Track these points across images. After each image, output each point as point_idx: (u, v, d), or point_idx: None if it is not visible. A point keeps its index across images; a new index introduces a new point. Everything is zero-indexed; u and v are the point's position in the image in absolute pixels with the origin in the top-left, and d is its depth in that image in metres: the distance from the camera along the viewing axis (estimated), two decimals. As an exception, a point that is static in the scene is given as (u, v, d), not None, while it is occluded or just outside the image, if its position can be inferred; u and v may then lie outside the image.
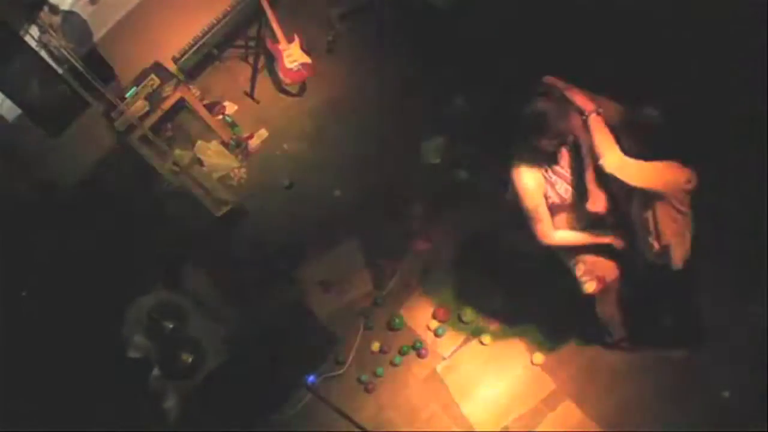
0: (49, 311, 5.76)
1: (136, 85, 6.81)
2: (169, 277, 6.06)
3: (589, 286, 3.84)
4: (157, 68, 6.94)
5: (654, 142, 3.29)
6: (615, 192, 3.53)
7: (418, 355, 5.10)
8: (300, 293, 5.76)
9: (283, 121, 7.15)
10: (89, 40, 6.77)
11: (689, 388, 4.22)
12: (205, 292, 5.90)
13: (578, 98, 3.30)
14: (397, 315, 5.29)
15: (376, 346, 5.25)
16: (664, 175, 3.30)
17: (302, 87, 7.21)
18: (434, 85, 6.49)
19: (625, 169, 3.23)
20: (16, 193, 6.72)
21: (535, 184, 3.47)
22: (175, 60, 6.91)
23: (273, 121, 7.19)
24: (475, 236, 5.43)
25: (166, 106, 6.81)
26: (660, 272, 3.73)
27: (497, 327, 4.95)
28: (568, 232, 3.62)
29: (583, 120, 3.33)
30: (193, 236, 6.58)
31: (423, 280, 5.41)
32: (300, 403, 5.25)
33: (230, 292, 6.04)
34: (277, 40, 6.92)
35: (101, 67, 6.88)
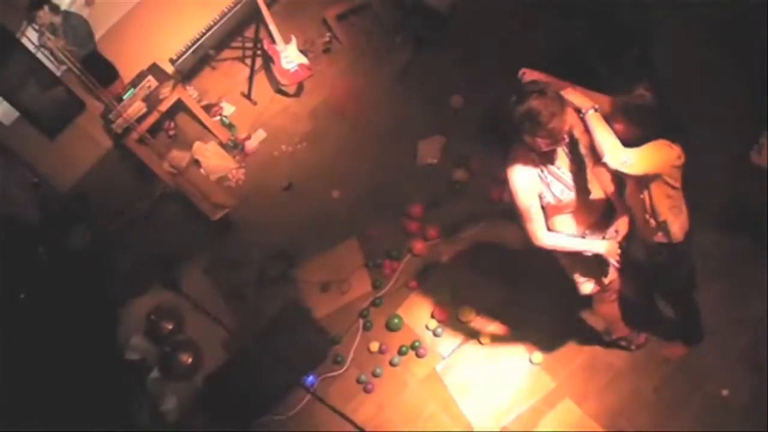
0: (47, 313, 5.75)
1: (134, 86, 6.81)
2: (168, 278, 6.06)
3: (586, 288, 3.82)
4: (155, 70, 6.94)
5: (648, 123, 3.31)
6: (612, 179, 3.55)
7: (417, 355, 5.09)
8: (298, 294, 5.76)
9: (280, 122, 7.15)
10: (91, 41, 6.77)
11: (688, 387, 4.22)
12: (203, 293, 5.90)
13: (574, 96, 3.29)
14: (396, 315, 5.28)
15: (375, 347, 5.24)
16: (660, 157, 3.30)
17: (300, 87, 7.21)
18: (433, 85, 6.50)
19: (629, 162, 3.23)
20: (14, 197, 6.71)
21: (529, 184, 3.43)
22: (173, 61, 6.90)
23: (271, 122, 7.20)
24: (474, 236, 5.42)
25: (164, 107, 6.82)
26: (661, 261, 3.74)
27: (496, 326, 4.95)
28: (561, 236, 3.58)
29: (581, 117, 3.32)
30: (191, 237, 6.58)
31: (421, 281, 5.40)
32: (299, 404, 5.24)
33: (229, 293, 6.04)
34: (274, 41, 6.92)
35: (104, 68, 6.89)
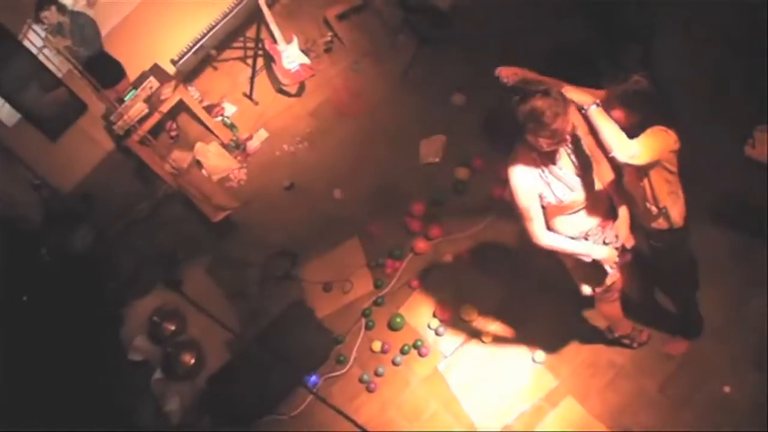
0: (49, 315, 5.76)
1: (135, 88, 6.82)
2: (170, 279, 6.07)
3: (587, 289, 3.82)
4: (156, 71, 6.94)
5: (646, 108, 3.32)
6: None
7: (420, 354, 5.09)
8: (301, 293, 5.76)
9: (282, 122, 7.16)
10: (98, 41, 6.78)
11: (691, 385, 4.21)
12: (205, 294, 5.90)
13: (574, 93, 3.28)
14: (398, 314, 5.28)
15: (377, 346, 5.24)
16: (660, 144, 3.33)
17: (301, 87, 7.21)
18: (434, 84, 6.50)
19: (636, 154, 3.25)
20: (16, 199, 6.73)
21: (530, 184, 3.42)
22: (174, 62, 6.91)
23: (272, 122, 7.20)
24: (476, 235, 5.42)
25: (165, 108, 6.82)
26: (662, 247, 3.75)
27: (498, 325, 4.94)
28: (560, 237, 3.57)
29: (583, 114, 3.31)
30: (193, 238, 6.59)
31: (423, 280, 5.40)
32: (302, 404, 5.24)
33: (231, 294, 6.05)
34: (275, 41, 6.92)
35: (111, 67, 6.90)
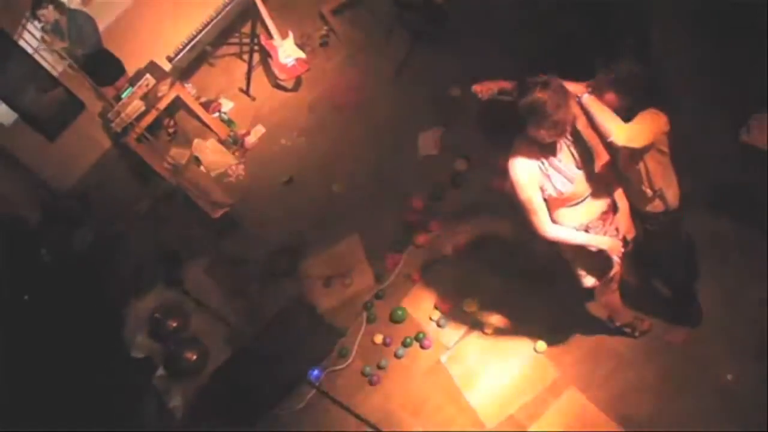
0: (51, 314, 5.77)
1: (131, 85, 6.81)
2: (171, 276, 6.08)
3: (588, 281, 3.83)
4: (152, 68, 6.93)
5: (637, 91, 3.35)
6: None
7: (422, 347, 5.11)
8: (301, 288, 5.77)
9: (279, 117, 7.15)
10: (97, 39, 6.76)
11: (693, 372, 4.22)
12: (206, 290, 5.92)
13: (569, 85, 3.32)
14: (400, 307, 5.29)
15: (379, 339, 5.25)
16: (654, 126, 3.37)
17: (298, 82, 7.21)
18: (431, 77, 6.49)
19: (633, 137, 3.27)
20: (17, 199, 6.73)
21: (531, 176, 3.43)
22: (170, 59, 6.90)
23: (270, 117, 7.20)
24: (476, 227, 5.43)
25: (162, 105, 6.82)
26: (658, 230, 3.78)
27: (499, 317, 4.96)
28: (565, 229, 3.59)
29: (578, 102, 3.34)
30: (193, 235, 6.59)
31: (424, 272, 5.41)
32: (305, 398, 5.26)
33: (232, 290, 6.05)
34: (271, 36, 6.91)
35: (110, 64, 6.88)
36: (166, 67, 6.99)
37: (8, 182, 6.79)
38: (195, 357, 5.75)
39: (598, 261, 3.70)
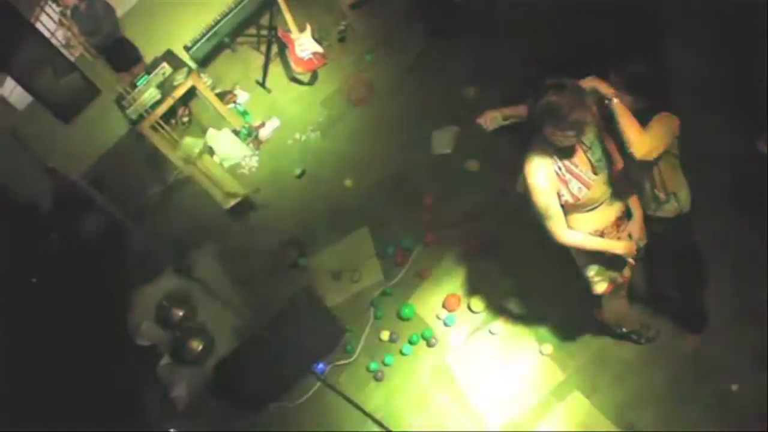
0: (58, 298, 5.79)
1: (148, 73, 6.83)
2: (180, 264, 6.09)
3: (600, 287, 3.81)
4: (169, 57, 6.95)
5: (651, 92, 3.35)
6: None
7: (428, 345, 5.10)
8: (310, 282, 5.77)
9: (294, 110, 7.16)
10: (116, 27, 6.79)
11: (698, 381, 4.19)
12: (215, 280, 5.93)
13: (598, 83, 3.30)
14: (407, 304, 5.29)
15: (385, 335, 5.25)
16: (669, 132, 3.36)
17: (314, 76, 7.21)
18: (447, 75, 6.48)
19: (651, 150, 3.27)
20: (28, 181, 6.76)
21: (548, 182, 3.38)
22: (187, 48, 6.93)
23: (284, 110, 7.21)
24: (484, 226, 5.42)
25: (178, 94, 6.83)
26: (670, 233, 3.77)
27: (506, 317, 4.95)
28: (581, 234, 3.56)
29: (607, 104, 3.32)
30: (203, 224, 6.61)
31: (433, 270, 5.41)
32: (309, 391, 5.27)
33: (240, 280, 6.07)
34: (288, 29, 6.92)
35: (127, 51, 6.91)
36: (183, 56, 7.01)
37: (21, 166, 6.82)
38: (200, 346, 5.76)
39: (611, 267, 3.69)
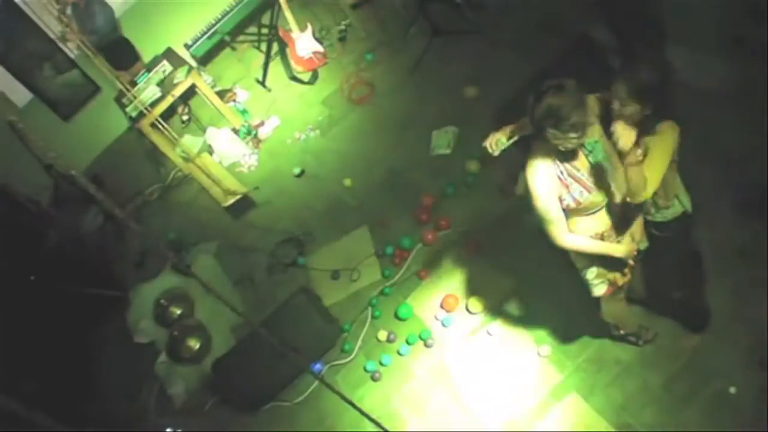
0: (56, 296, 5.78)
1: (148, 71, 6.82)
2: (178, 262, 6.09)
3: (599, 290, 3.80)
4: (169, 55, 6.95)
5: (657, 97, 3.31)
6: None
7: (425, 345, 5.09)
8: (308, 281, 5.77)
9: (294, 109, 7.16)
10: (114, 27, 6.79)
11: (696, 384, 4.19)
12: (213, 278, 5.93)
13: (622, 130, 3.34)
14: (405, 304, 5.28)
15: (383, 335, 5.25)
16: (672, 144, 3.35)
17: (314, 75, 7.21)
18: (447, 75, 6.48)
19: (654, 187, 3.28)
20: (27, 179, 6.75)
21: (550, 186, 3.37)
22: (187, 47, 6.92)
23: (284, 109, 7.20)
24: (483, 227, 5.41)
25: (177, 92, 6.83)
26: (671, 234, 3.76)
27: (504, 318, 4.94)
28: (582, 238, 3.56)
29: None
30: (202, 222, 6.60)
31: (431, 271, 5.40)
32: (306, 391, 5.26)
33: (238, 279, 6.06)
34: (289, 28, 6.92)
35: (124, 50, 6.90)
36: (184, 54, 7.01)
37: (20, 162, 6.81)
38: (198, 344, 5.75)
39: (610, 270, 3.69)
